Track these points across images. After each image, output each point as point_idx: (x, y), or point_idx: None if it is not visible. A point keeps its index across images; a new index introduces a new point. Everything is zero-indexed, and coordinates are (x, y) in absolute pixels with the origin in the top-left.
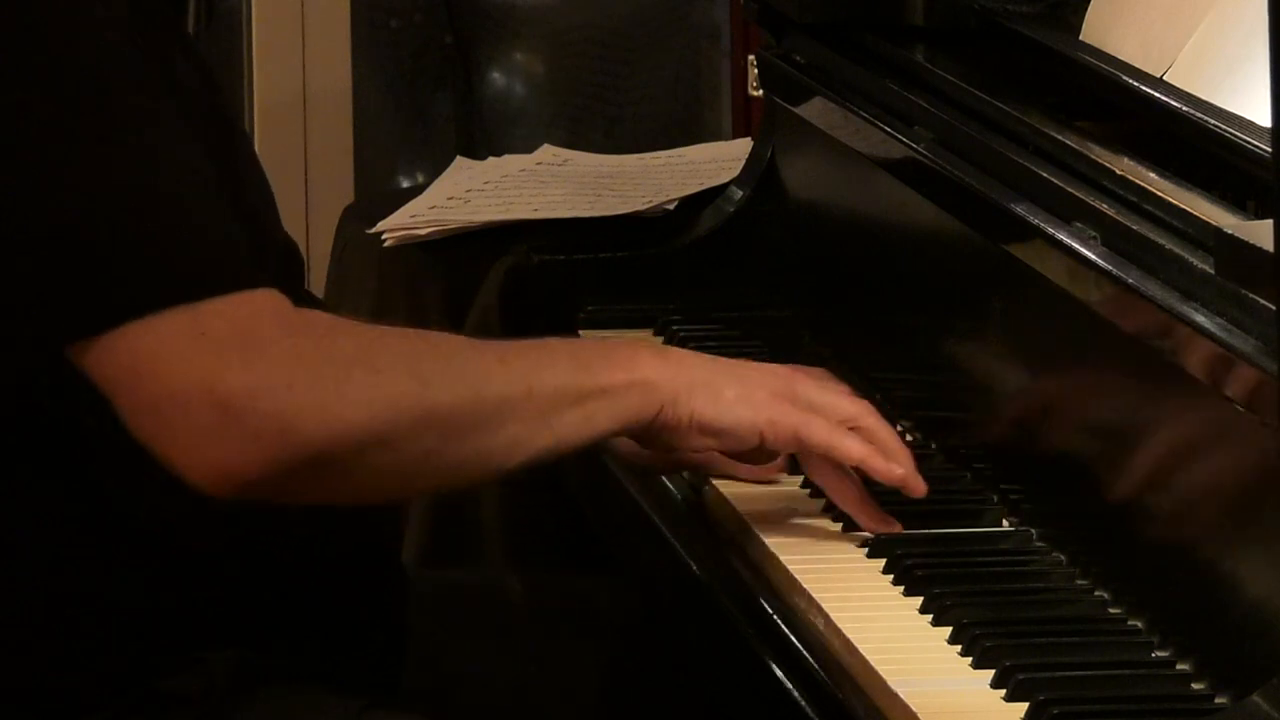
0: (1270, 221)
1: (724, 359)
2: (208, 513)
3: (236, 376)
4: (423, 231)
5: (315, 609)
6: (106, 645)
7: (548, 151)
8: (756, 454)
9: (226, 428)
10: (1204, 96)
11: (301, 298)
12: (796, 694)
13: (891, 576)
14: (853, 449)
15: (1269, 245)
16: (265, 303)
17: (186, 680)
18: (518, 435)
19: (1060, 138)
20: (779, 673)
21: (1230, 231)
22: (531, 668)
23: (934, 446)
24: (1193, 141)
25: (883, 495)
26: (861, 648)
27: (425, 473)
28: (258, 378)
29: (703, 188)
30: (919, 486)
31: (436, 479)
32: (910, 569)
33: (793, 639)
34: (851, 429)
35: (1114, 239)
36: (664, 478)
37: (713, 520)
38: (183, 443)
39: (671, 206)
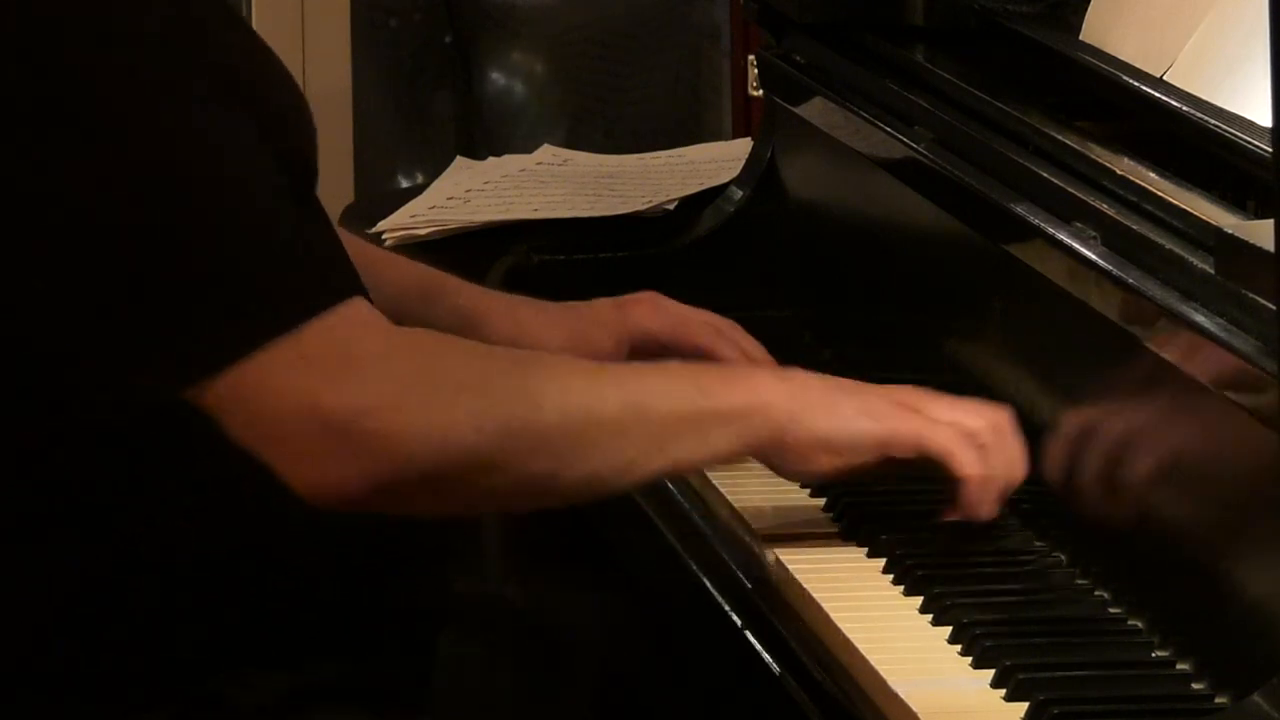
0: (1270, 221)
1: (844, 380)
2: (275, 543)
3: (341, 397)
4: (423, 231)
5: (364, 631)
6: (163, 657)
7: (548, 151)
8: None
9: (333, 447)
10: (1204, 96)
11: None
12: (796, 694)
13: (891, 576)
14: (968, 463)
15: (1269, 245)
16: (361, 316)
17: (238, 692)
18: (632, 458)
19: (1060, 138)
20: (779, 672)
21: (1230, 231)
22: (529, 677)
23: None
24: (1193, 141)
25: (877, 491)
26: (861, 648)
27: (536, 493)
28: (364, 398)
29: (703, 188)
30: (987, 511)
31: (548, 499)
32: (910, 569)
33: (792, 639)
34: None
35: (1114, 239)
36: (666, 480)
37: (712, 521)
38: (291, 462)
39: (671, 206)
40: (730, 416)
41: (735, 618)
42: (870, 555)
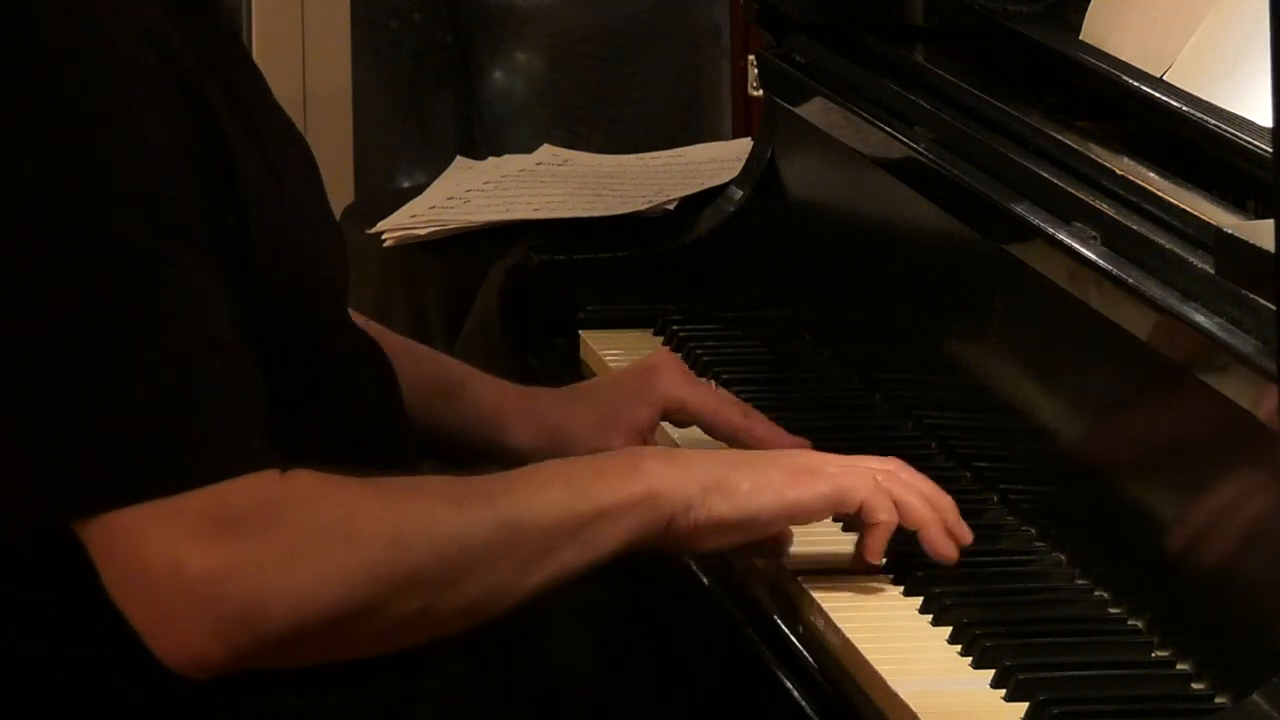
0: (1270, 221)
1: (734, 451)
2: None
3: (204, 560)
4: (423, 231)
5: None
6: (163, 693)
7: (548, 151)
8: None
9: (192, 612)
10: (1204, 96)
11: (345, 315)
12: (797, 694)
13: (892, 576)
14: (882, 509)
15: (1269, 245)
16: (249, 483)
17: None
18: (511, 578)
19: (1060, 138)
20: (779, 672)
21: (1230, 231)
22: (525, 669)
23: (934, 446)
24: (1193, 141)
25: None
26: (861, 647)
27: (415, 631)
28: (226, 560)
29: (703, 188)
30: (964, 534)
31: (428, 633)
32: (910, 569)
33: (793, 639)
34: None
35: (1114, 239)
36: None
37: None
38: (151, 622)
39: (671, 206)
40: (613, 513)
41: (735, 617)
42: None
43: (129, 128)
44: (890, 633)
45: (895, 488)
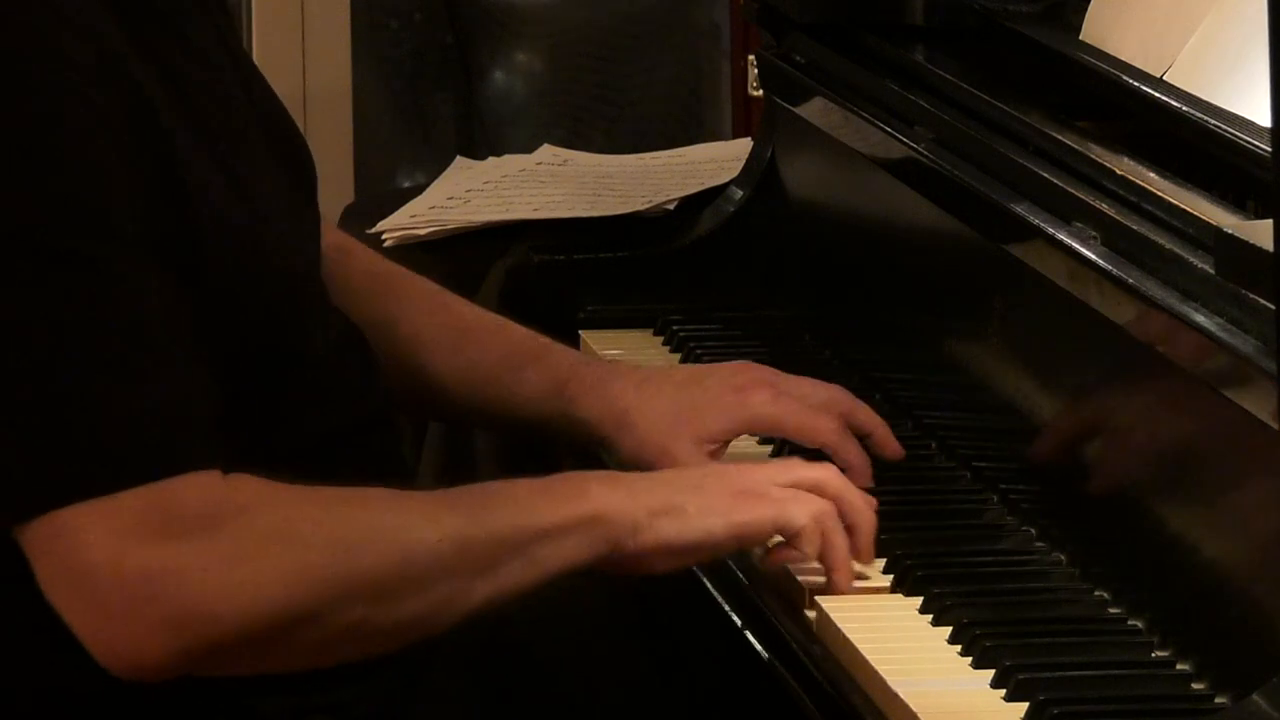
0: (1270, 221)
1: (676, 471)
2: None
3: (147, 558)
4: (423, 231)
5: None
6: (158, 693)
7: (548, 151)
8: None
9: (132, 611)
10: (1204, 96)
11: (323, 308)
12: (796, 694)
13: (892, 576)
14: (811, 541)
15: (1269, 245)
16: (189, 484)
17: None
18: (454, 592)
19: (1060, 138)
20: (779, 672)
21: (1230, 231)
22: (523, 667)
23: (934, 446)
24: (1193, 141)
25: (883, 493)
26: (862, 647)
27: (356, 641)
28: (167, 560)
29: (703, 188)
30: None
31: (370, 646)
32: (910, 569)
33: (791, 639)
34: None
35: (1114, 239)
36: None
37: None
38: (89, 621)
39: (671, 206)
40: (556, 533)
41: (734, 617)
42: None
43: (65, 134)
44: (890, 633)
45: (828, 523)
